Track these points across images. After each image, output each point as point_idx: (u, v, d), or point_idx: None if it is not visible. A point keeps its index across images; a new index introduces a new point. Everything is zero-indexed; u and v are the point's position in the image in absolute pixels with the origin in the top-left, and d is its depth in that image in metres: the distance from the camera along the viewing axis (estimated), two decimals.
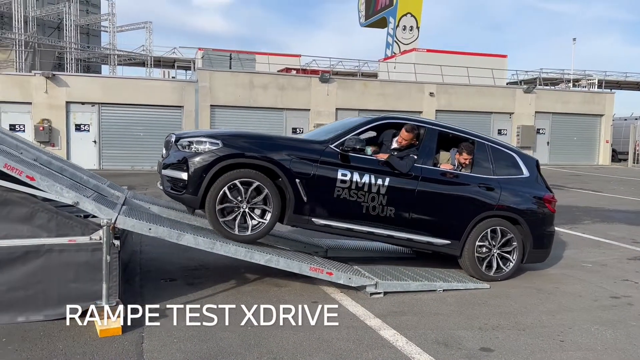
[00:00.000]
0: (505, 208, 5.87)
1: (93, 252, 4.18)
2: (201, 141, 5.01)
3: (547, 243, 6.21)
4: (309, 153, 5.21)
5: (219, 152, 4.95)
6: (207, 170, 4.88)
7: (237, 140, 5.14)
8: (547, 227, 6.20)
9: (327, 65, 31.26)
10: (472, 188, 5.79)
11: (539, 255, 6.20)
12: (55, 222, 4.19)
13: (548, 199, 6.19)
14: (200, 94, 21.70)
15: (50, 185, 4.23)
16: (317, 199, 5.19)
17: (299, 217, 5.21)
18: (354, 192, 5.27)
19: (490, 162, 5.99)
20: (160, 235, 4.66)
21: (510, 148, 6.36)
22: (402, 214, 5.48)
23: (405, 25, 34.28)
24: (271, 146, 5.15)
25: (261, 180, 4.99)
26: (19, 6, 34.35)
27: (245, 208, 5.00)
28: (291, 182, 5.07)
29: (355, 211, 5.32)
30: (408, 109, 23.84)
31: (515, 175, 6.09)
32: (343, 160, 5.29)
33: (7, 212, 4.08)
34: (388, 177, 5.39)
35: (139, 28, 41.02)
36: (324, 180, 5.19)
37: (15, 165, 4.12)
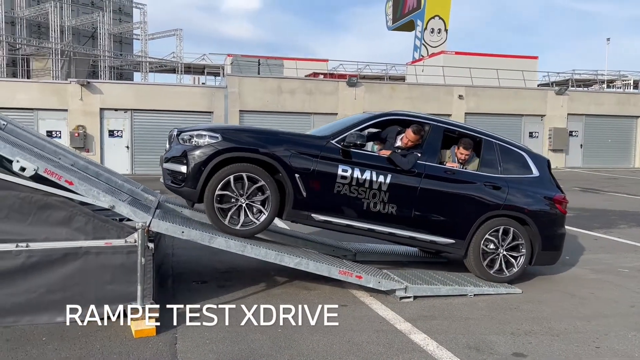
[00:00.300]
0: (513, 208, 5.72)
1: (128, 255, 4.29)
2: (201, 135, 5.03)
3: (557, 245, 6.01)
4: (309, 148, 5.18)
5: (218, 145, 4.96)
6: (206, 164, 4.90)
7: (236, 134, 5.18)
8: (558, 229, 6.01)
9: (354, 70, 31.32)
10: (478, 187, 5.66)
11: (548, 258, 6.00)
12: (92, 225, 4.32)
13: (559, 199, 6.01)
14: (230, 100, 21.98)
15: (88, 189, 4.37)
16: (316, 195, 5.15)
17: (298, 213, 5.19)
18: (355, 189, 5.22)
19: (498, 160, 5.86)
20: (193, 238, 4.75)
21: (519, 147, 6.20)
22: (405, 211, 5.40)
23: (433, 28, 34.05)
24: (271, 140, 5.14)
25: (260, 174, 4.98)
26: (56, 16, 35.52)
27: (244, 202, 4.99)
28: (290, 177, 5.05)
29: (355, 208, 5.26)
30: (437, 111, 23.60)
31: (524, 175, 5.95)
32: (344, 155, 5.24)
33: (47, 216, 4.23)
34: (390, 173, 5.32)
35: (169, 35, 41.83)
36: (324, 175, 5.15)
37: (54, 170, 4.27)
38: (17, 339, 3.93)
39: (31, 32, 37.37)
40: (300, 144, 5.19)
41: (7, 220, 4.14)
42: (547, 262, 6.11)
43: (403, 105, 23.49)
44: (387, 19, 39.51)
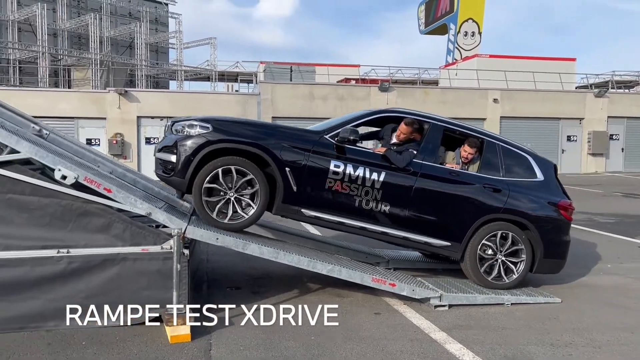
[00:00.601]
0: (513, 212, 5.50)
1: (164, 261, 4.37)
2: (193, 125, 4.97)
3: (560, 253, 5.74)
4: (301, 142, 5.08)
5: (208, 135, 4.89)
6: (196, 154, 4.83)
7: (228, 125, 5.09)
8: (561, 236, 5.75)
9: (386, 74, 31.14)
10: (476, 188, 5.47)
11: (551, 266, 5.75)
12: (129, 232, 4.41)
13: (564, 205, 5.75)
14: (263, 106, 22.19)
15: (125, 197, 4.47)
16: (307, 190, 5.05)
17: (287, 207, 5.10)
18: (347, 185, 5.10)
19: (500, 163, 5.66)
20: (227, 245, 4.80)
21: (524, 150, 5.96)
22: (398, 210, 5.25)
23: (466, 31, 33.63)
24: (262, 133, 5.07)
25: (249, 168, 4.89)
26: (95, 28, 36.71)
27: (232, 195, 4.91)
28: (281, 170, 4.96)
29: (347, 204, 5.14)
30: (471, 116, 23.29)
31: (527, 178, 5.73)
32: (338, 151, 5.13)
33: (86, 223, 4.35)
34: (384, 171, 5.19)
35: (204, 44, 42.63)
36: (316, 170, 5.05)
37: (94, 178, 4.39)
38: (58, 342, 4.04)
39: (72, 43, 38.69)
40: (292, 138, 5.10)
41: (49, 227, 4.27)
42: (550, 271, 5.86)
43: (436, 109, 23.19)
44: (420, 22, 39.24)
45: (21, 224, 4.23)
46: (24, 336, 4.10)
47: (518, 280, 5.60)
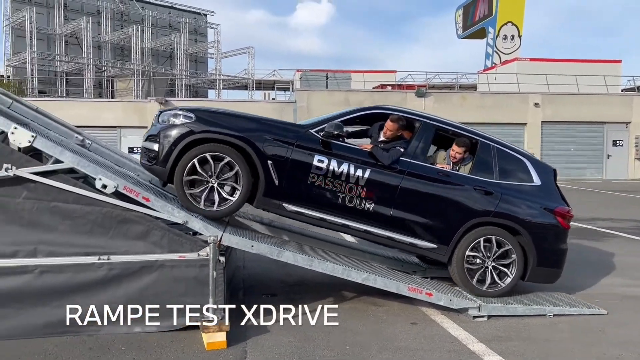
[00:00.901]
0: (505, 216, 5.29)
1: (201, 268, 4.42)
2: (177, 114, 4.93)
3: (555, 262, 5.49)
4: (285, 135, 4.99)
5: (191, 125, 4.83)
6: (177, 143, 4.78)
7: (212, 116, 5.05)
8: (557, 244, 5.50)
9: (423, 80, 30.89)
10: (466, 190, 5.28)
11: (545, 275, 5.52)
12: (167, 239, 4.50)
13: (560, 212, 5.50)
14: (299, 114, 22.34)
15: (163, 205, 4.57)
16: (289, 184, 4.97)
17: (269, 201, 5.01)
18: (330, 181, 4.99)
19: (493, 165, 5.46)
20: (262, 252, 4.83)
21: (521, 153, 5.76)
22: (382, 209, 5.12)
23: (505, 35, 33.01)
24: (246, 125, 5.01)
25: (232, 156, 4.81)
26: (137, 39, 37.88)
27: (215, 183, 4.82)
28: (263, 163, 4.87)
29: (330, 201, 5.03)
30: (510, 120, 22.81)
31: (523, 183, 5.51)
32: (323, 146, 5.03)
33: (126, 230, 4.45)
34: (370, 168, 5.06)
35: (241, 53, 43.30)
36: (299, 164, 4.96)
37: (133, 187, 4.50)
38: (98, 347, 4.14)
39: (115, 55, 40.03)
40: (276, 131, 5.02)
41: (91, 234, 4.39)
42: (545, 280, 5.62)
43: (474, 114, 22.87)
44: (457, 27, 38.77)
45: (65, 231, 4.37)
46: (66, 340, 4.22)
47: (506, 289, 5.35)
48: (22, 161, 4.34)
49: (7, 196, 4.31)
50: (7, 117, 4.60)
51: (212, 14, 46.37)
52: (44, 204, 4.36)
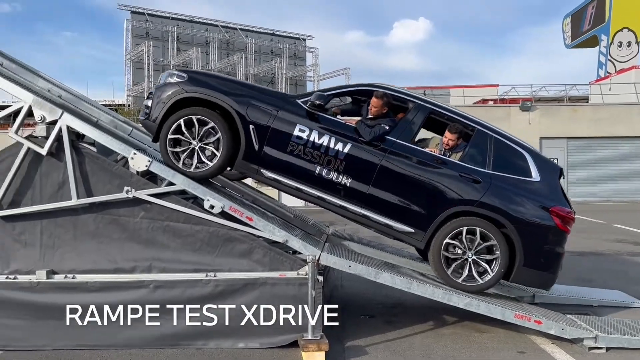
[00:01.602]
0: (490, 207, 4.92)
1: (300, 287, 4.52)
2: (172, 74, 5.13)
3: (546, 265, 5.03)
4: (270, 103, 5.01)
5: (182, 84, 4.96)
6: (167, 100, 4.93)
7: (203, 77, 5.16)
8: (549, 245, 5.04)
9: (527, 93, 29.39)
10: (451, 177, 4.99)
11: (533, 278, 5.08)
12: (269, 258, 4.66)
13: (557, 211, 5.01)
14: None
15: (265, 225, 4.74)
16: (269, 150, 4.95)
17: (247, 165, 5.00)
18: (309, 151, 4.91)
19: (488, 154, 5.12)
20: (359, 273, 4.82)
21: (523, 146, 5.32)
22: (359, 186, 4.95)
23: (621, 42, 30.63)
24: (235, 89, 5.06)
25: (216, 122, 4.86)
26: (242, 66, 40.18)
27: (197, 146, 4.88)
28: (245, 127, 4.90)
29: (307, 171, 4.95)
30: (628, 134, 20.96)
31: (519, 176, 5.11)
32: (308, 117, 4.98)
33: (231, 248, 4.68)
34: (351, 143, 4.94)
35: (339, 75, 44.22)
36: (279, 132, 4.93)
37: (238, 207, 4.73)
38: None
39: None
40: (262, 97, 5.06)
41: (199, 252, 4.67)
42: (535, 284, 5.28)
43: (586, 128, 21.38)
44: (565, 36, 36.66)
45: (176, 248, 4.68)
46: (176, 352, 4.49)
47: (486, 285, 4.98)
48: (140, 184, 4.74)
49: (126, 216, 4.72)
50: (128, 143, 5.06)
51: (310, 38, 47.94)
52: (158, 223, 4.71)
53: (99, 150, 5.07)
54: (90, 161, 4.75)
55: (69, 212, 4.68)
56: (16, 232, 4.68)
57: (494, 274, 4.92)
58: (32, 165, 4.71)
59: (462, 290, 4.90)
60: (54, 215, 4.67)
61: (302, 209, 13.77)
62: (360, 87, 5.41)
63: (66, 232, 4.69)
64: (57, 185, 4.70)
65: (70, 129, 4.70)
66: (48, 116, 4.69)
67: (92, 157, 4.78)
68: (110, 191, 4.69)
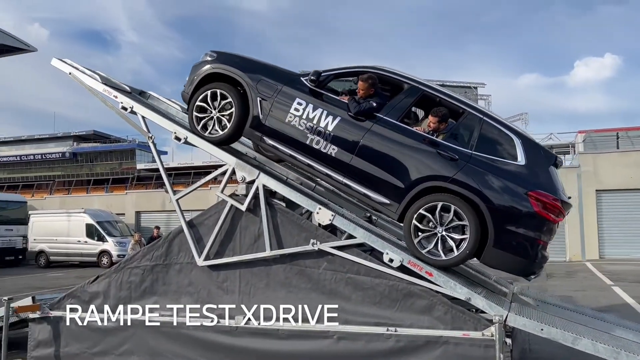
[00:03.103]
0: (462, 184, 4.95)
1: (486, 348, 4.28)
2: (207, 53, 5.97)
3: (517, 248, 4.88)
4: (277, 78, 5.65)
5: (212, 62, 5.84)
6: (199, 74, 5.83)
7: (229, 56, 5.91)
8: (523, 228, 4.89)
9: None
10: (428, 152, 5.14)
11: (504, 260, 4.90)
12: (450, 315, 4.51)
13: (537, 196, 4.87)
14: (584, 179, 20.23)
15: (446, 280, 4.64)
16: (270, 120, 5.55)
17: (252, 132, 5.65)
18: (304, 122, 5.43)
19: (473, 135, 5.22)
20: (554, 337, 4.40)
21: (512, 130, 5.29)
22: (343, 156, 5.32)
23: None
24: (252, 67, 5.77)
25: (231, 96, 5.63)
26: None
27: (215, 115, 5.68)
28: (253, 99, 5.58)
29: (300, 140, 5.45)
30: None
31: (502, 158, 5.10)
32: (309, 93, 5.51)
33: (411, 303, 4.65)
34: (340, 117, 5.37)
35: (514, 120, 42.08)
36: (280, 104, 5.53)
37: (417, 262, 4.73)
38: None
39: None
40: (272, 73, 5.71)
41: (379, 306, 4.73)
42: (508, 268, 5.02)
43: None
44: None
45: (357, 301, 4.81)
46: None
47: (452, 261, 4.91)
48: (324, 237, 5.03)
49: (311, 267, 5.03)
50: (313, 199, 5.44)
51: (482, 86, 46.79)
52: (340, 274, 4.92)
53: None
54: (281, 215, 5.20)
55: (263, 262, 5.14)
56: (220, 279, 5.27)
57: (458, 253, 4.88)
58: (233, 220, 5.32)
59: (425, 262, 4.89)
60: (251, 265, 5.18)
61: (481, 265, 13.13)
62: (359, 68, 5.73)
63: (260, 280, 5.14)
64: (254, 237, 5.22)
65: (265, 187, 5.23)
66: (248, 176, 5.31)
67: (283, 212, 5.24)
68: (298, 243, 5.06)
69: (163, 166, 6.22)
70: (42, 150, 46.79)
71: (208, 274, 5.31)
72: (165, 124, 5.80)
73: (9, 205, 24.44)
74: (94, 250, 22.49)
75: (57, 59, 6.35)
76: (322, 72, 5.52)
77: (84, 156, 45.35)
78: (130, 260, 5.68)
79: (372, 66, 5.71)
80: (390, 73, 5.64)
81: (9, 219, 23.69)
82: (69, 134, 48.61)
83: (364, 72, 5.54)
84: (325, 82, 5.54)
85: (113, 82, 6.27)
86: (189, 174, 35.58)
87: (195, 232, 5.42)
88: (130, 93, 6.36)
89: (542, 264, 5.08)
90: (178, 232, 5.48)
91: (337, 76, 5.69)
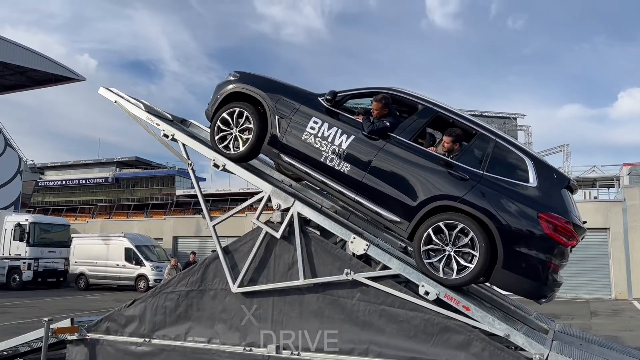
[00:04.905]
0: (472, 205, 4.92)
1: None
2: (231, 73, 6.16)
3: (527, 270, 4.78)
4: (295, 98, 5.78)
5: (235, 82, 6.02)
6: (222, 93, 6.04)
7: (251, 77, 6.07)
8: (534, 251, 4.79)
9: None
10: (439, 172, 5.15)
11: (513, 282, 4.81)
12: (488, 352, 4.36)
13: (548, 218, 4.81)
14: (629, 213, 19.46)
15: (483, 316, 4.50)
16: (288, 138, 5.66)
17: (270, 149, 5.77)
18: (319, 140, 5.51)
19: (486, 156, 5.22)
20: None
21: (525, 152, 5.28)
22: (356, 173, 5.37)
23: None
24: (272, 87, 5.92)
25: (249, 112, 5.81)
26: None
27: (235, 132, 5.88)
28: (272, 117, 5.73)
29: (315, 158, 5.53)
30: None
31: (513, 179, 5.07)
32: (324, 111, 5.62)
33: (447, 338, 4.52)
34: (354, 135, 5.45)
35: (556, 152, 41.18)
36: (297, 123, 5.65)
37: (454, 295, 4.61)
38: None
39: None
40: (290, 92, 5.85)
41: (415, 339, 4.61)
42: (517, 290, 4.88)
43: None
44: None
45: (391, 334, 4.71)
46: None
47: (462, 280, 4.80)
48: (359, 266, 4.98)
49: (345, 297, 4.96)
50: (347, 227, 5.42)
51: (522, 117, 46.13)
52: (374, 306, 4.83)
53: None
54: (315, 244, 5.19)
55: (296, 290, 5.12)
56: (253, 307, 5.26)
57: (468, 272, 4.81)
58: (268, 248, 5.34)
59: (436, 281, 4.82)
60: (284, 293, 5.16)
61: (520, 299, 12.77)
62: (374, 89, 5.79)
63: (293, 309, 5.11)
64: (288, 265, 5.21)
65: (300, 215, 5.24)
66: (283, 204, 5.34)
67: (317, 240, 5.22)
68: (332, 272, 5.02)
69: (201, 192, 6.35)
70: (86, 175, 48.47)
71: (242, 301, 5.32)
72: (205, 152, 5.93)
73: (53, 228, 25.22)
74: (132, 274, 22.87)
75: (104, 87, 6.63)
76: (338, 93, 5.68)
77: (125, 181, 46.71)
78: (166, 285, 5.75)
79: (387, 87, 5.80)
80: (405, 94, 5.73)
81: (53, 242, 24.45)
82: (112, 159, 50.30)
83: (379, 92, 5.65)
84: (341, 102, 5.69)
85: (156, 110, 6.48)
86: (226, 201, 36.10)
87: (231, 258, 5.46)
88: (172, 121, 6.55)
89: (553, 288, 5.00)
90: (214, 258, 5.53)
91: (352, 97, 5.80)
